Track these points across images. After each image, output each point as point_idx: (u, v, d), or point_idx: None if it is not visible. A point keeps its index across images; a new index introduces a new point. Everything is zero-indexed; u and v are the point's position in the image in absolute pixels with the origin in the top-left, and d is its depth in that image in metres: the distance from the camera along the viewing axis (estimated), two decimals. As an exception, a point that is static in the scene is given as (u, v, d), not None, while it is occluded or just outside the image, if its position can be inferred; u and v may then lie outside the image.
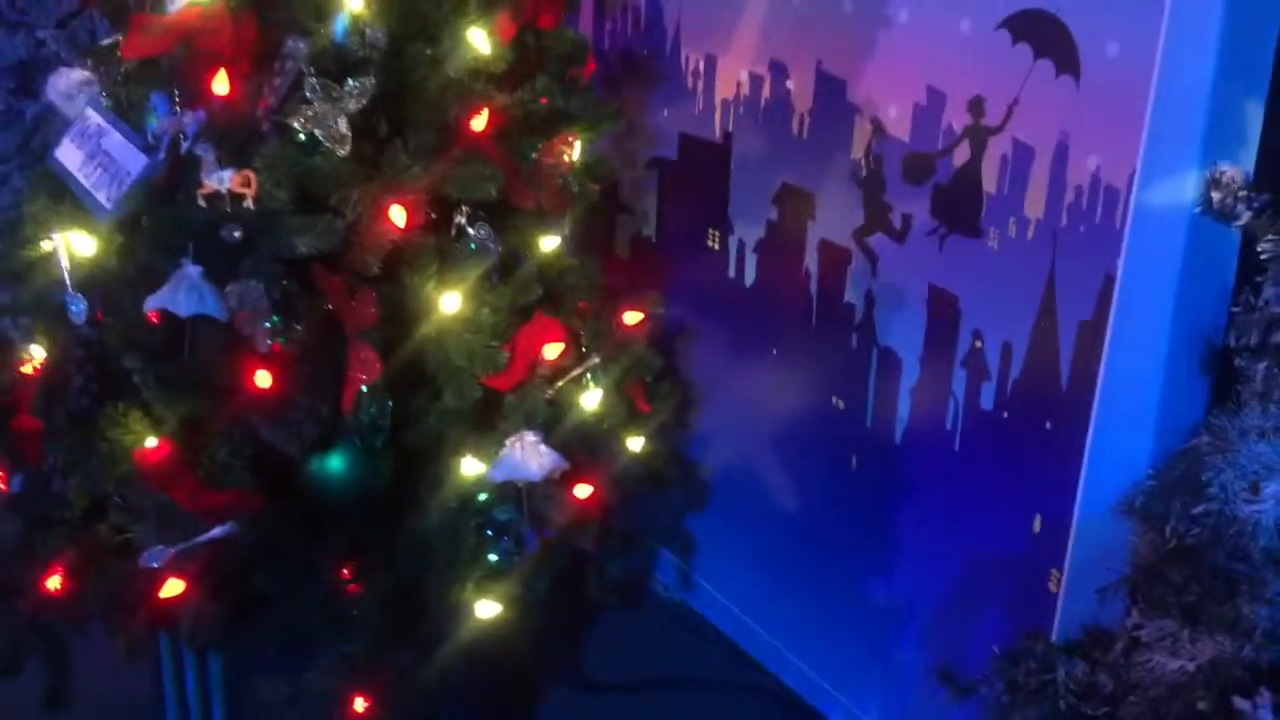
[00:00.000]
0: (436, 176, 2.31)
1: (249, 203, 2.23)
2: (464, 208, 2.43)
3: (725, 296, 3.27)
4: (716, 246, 3.28)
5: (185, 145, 2.29)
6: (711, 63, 3.17)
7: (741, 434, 3.32)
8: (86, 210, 2.38)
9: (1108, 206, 2.19)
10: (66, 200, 2.47)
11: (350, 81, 2.24)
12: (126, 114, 2.52)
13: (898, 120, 2.63)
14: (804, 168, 2.94)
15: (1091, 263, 2.24)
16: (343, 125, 2.23)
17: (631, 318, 2.84)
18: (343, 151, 2.23)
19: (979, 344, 2.53)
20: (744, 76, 3.07)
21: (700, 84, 3.22)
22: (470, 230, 2.44)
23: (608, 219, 3.54)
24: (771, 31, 2.97)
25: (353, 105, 2.25)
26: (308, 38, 2.25)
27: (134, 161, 2.37)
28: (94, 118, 2.57)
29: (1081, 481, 2.33)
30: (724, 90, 3.14)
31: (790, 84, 2.93)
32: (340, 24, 2.29)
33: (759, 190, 3.09)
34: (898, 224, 2.68)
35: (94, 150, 2.50)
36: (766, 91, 3.01)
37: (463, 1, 2.33)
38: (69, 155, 2.55)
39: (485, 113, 2.41)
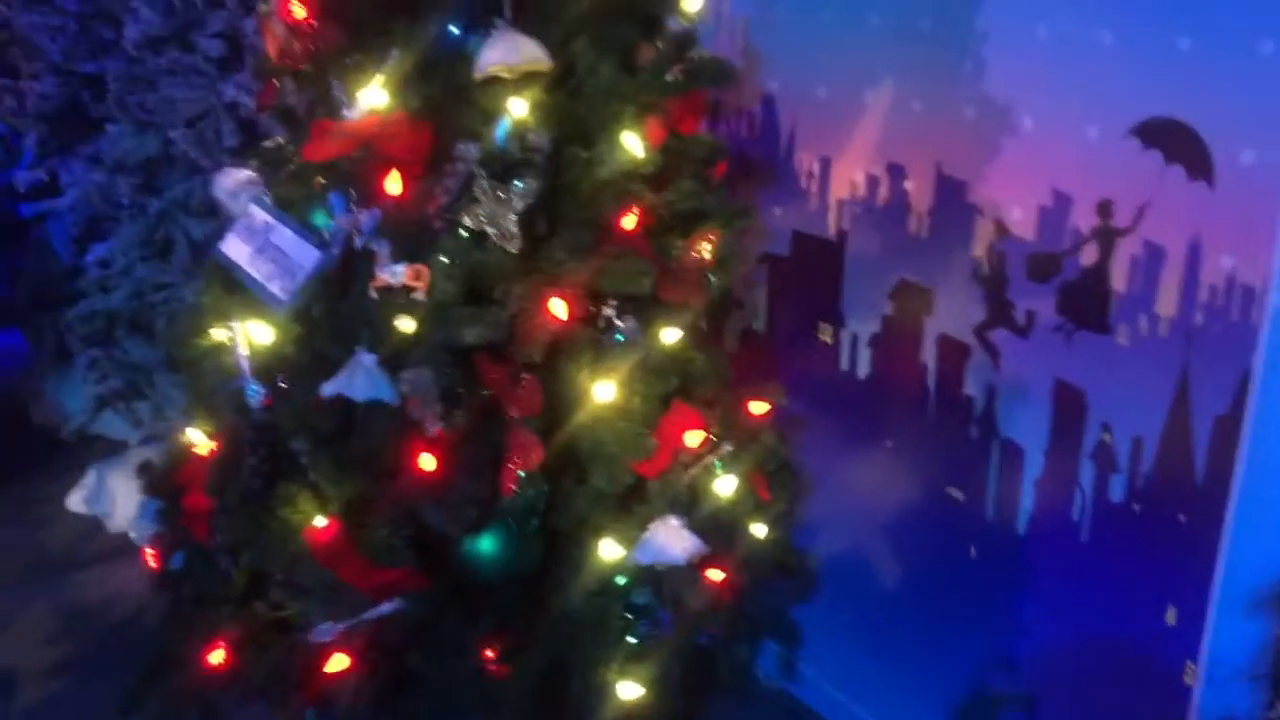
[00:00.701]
0: (593, 271, 2.43)
1: (420, 295, 2.37)
2: (612, 301, 2.55)
3: (837, 388, 3.36)
4: (829, 340, 3.38)
5: (360, 241, 2.44)
6: (826, 164, 3.30)
7: (852, 522, 3.38)
8: (261, 301, 2.53)
9: (1243, 305, 2.28)
10: (237, 291, 2.62)
11: (518, 183, 2.39)
12: (291, 211, 2.68)
13: (1021, 221, 2.74)
14: (922, 264, 3.05)
15: (1227, 359, 2.32)
16: (512, 224, 2.37)
17: (757, 407, 2.94)
18: (512, 248, 2.37)
19: (1108, 437, 2.60)
20: (860, 177, 3.20)
21: (815, 184, 3.35)
22: (618, 322, 2.55)
23: (718, 312, 3.66)
24: (889, 136, 3.10)
25: (520, 205, 2.39)
26: (477, 142, 2.40)
27: (307, 256, 2.52)
28: (259, 214, 2.73)
29: (1218, 574, 2.38)
30: (839, 190, 3.27)
31: (909, 185, 3.05)
32: (502, 129, 2.44)
33: (874, 286, 3.20)
34: (1021, 320, 2.77)
35: (263, 244, 2.66)
36: (884, 192, 3.14)
37: (620, 108, 2.47)
38: (236, 249, 2.71)
39: (636, 212, 2.54)
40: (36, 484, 4.83)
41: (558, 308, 2.40)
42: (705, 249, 2.66)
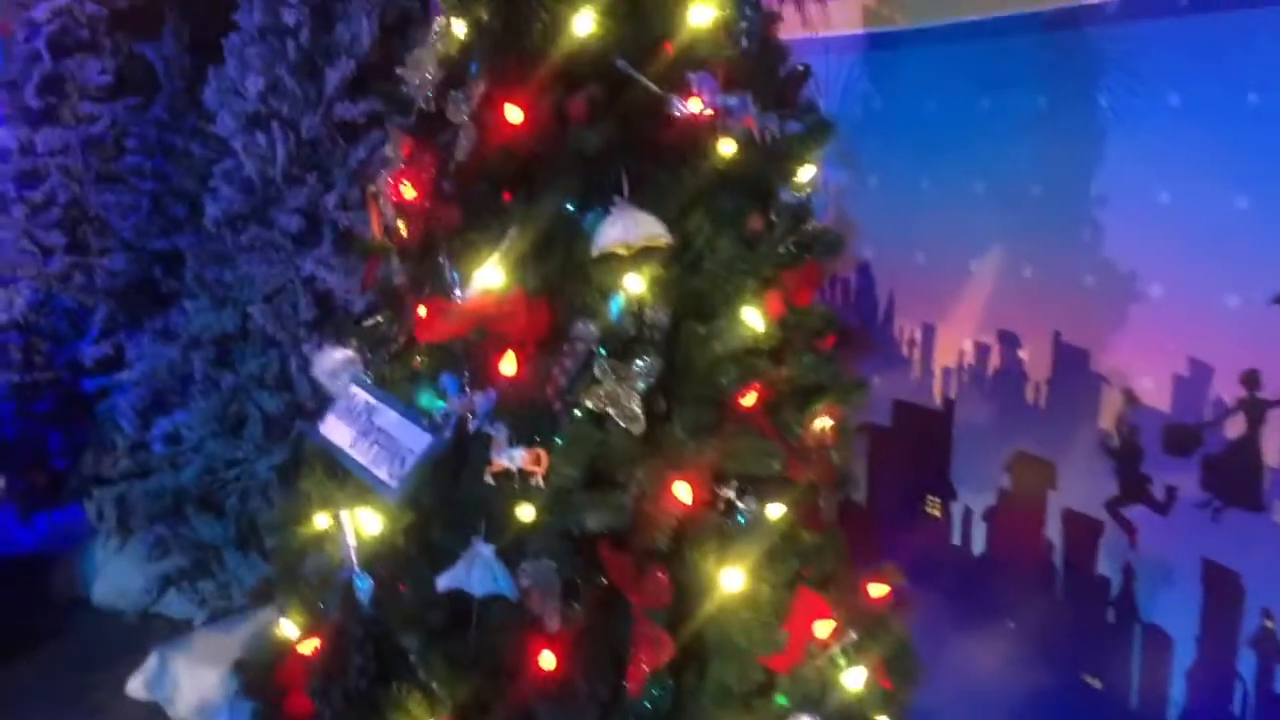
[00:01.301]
0: (719, 452, 2.31)
1: (539, 480, 2.25)
2: (732, 481, 2.42)
3: (948, 564, 3.19)
4: (937, 513, 3.23)
5: (475, 424, 2.34)
6: (930, 332, 3.21)
7: (974, 710, 3.16)
8: (368, 487, 2.42)
9: None
10: (338, 475, 2.52)
11: (639, 362, 2.29)
12: (395, 391, 2.60)
13: (1154, 391, 2.62)
14: (1042, 435, 2.92)
15: None
16: (636, 404, 2.27)
17: (876, 590, 2.77)
18: (636, 430, 2.26)
19: (1269, 624, 2.42)
20: (968, 345, 3.10)
21: (917, 352, 3.25)
22: (740, 504, 2.42)
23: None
24: (999, 303, 3.01)
25: (642, 385, 2.29)
26: (595, 320, 2.31)
27: (416, 439, 2.42)
28: (361, 395, 2.65)
29: None
30: (944, 358, 3.17)
31: (1023, 353, 2.94)
32: (617, 305, 2.36)
33: (988, 457, 3.07)
34: (1160, 495, 2.62)
35: (366, 427, 2.57)
36: (995, 360, 3.03)
37: (741, 283, 2.39)
38: (337, 431, 2.62)
39: (756, 387, 2.44)
40: (95, 667, 4.66)
41: (682, 491, 2.28)
42: (826, 424, 2.54)
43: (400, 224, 2.57)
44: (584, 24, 2.35)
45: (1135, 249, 2.64)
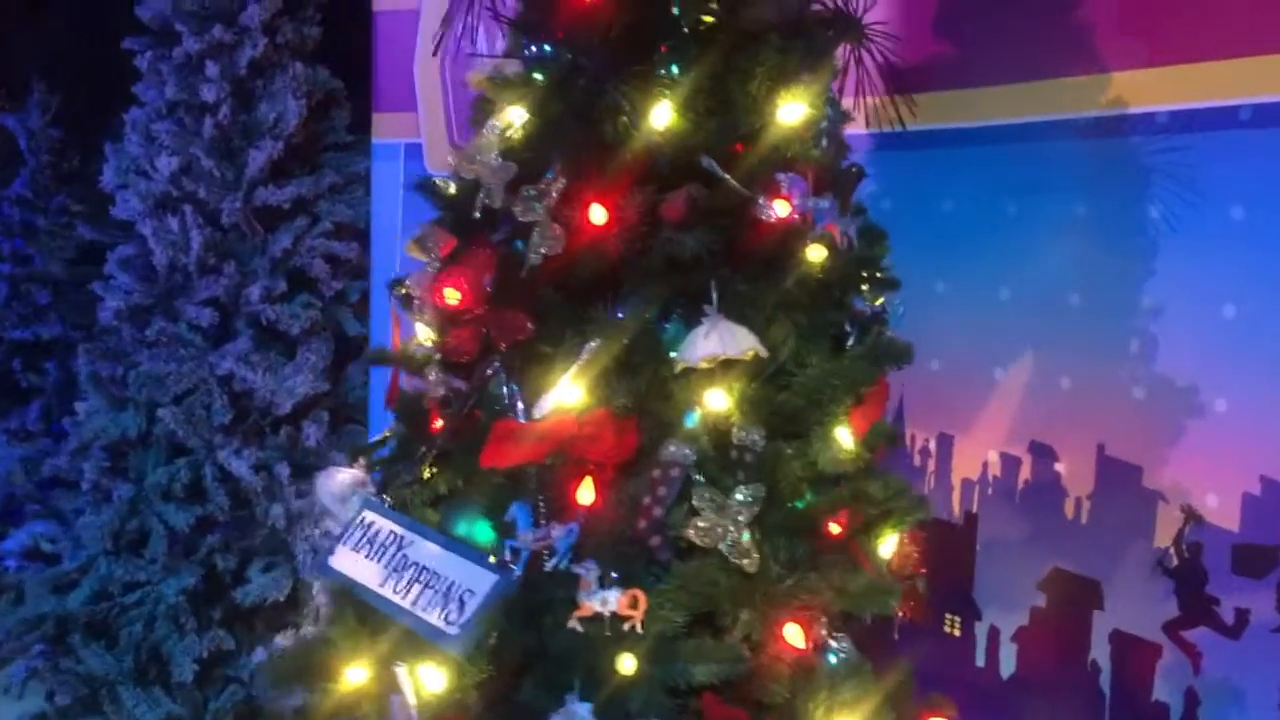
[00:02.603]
0: (832, 590, 2.10)
1: (635, 625, 1.98)
2: (824, 619, 2.21)
3: (971, 687, 3.03)
4: (956, 632, 3.08)
5: (553, 561, 2.05)
6: (947, 442, 3.09)
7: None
8: (418, 635, 2.09)
9: None
10: (370, 620, 2.18)
11: (744, 490, 2.07)
12: (419, 518, 2.30)
13: (1221, 509, 2.54)
14: (1083, 553, 2.81)
15: None
16: (745, 538, 2.04)
17: (934, 723, 2.58)
18: (751, 567, 2.02)
19: (1361, 752, 2.34)
20: (993, 457, 2.99)
21: (932, 463, 3.12)
22: (833, 642, 2.20)
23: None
24: (1031, 414, 2.92)
25: (745, 517, 2.07)
26: (691, 444, 2.08)
27: (476, 578, 2.11)
28: (383, 523, 2.33)
29: None
30: (965, 470, 3.05)
31: (1061, 466, 2.85)
32: (691, 420, 2.14)
33: (1019, 574, 2.94)
34: (1229, 618, 2.54)
35: (398, 562, 2.24)
36: (1026, 473, 2.93)
37: (835, 399, 2.21)
38: (356, 567, 2.29)
39: (846, 514, 2.25)
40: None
41: (794, 635, 2.05)
42: (910, 550, 2.37)
43: (441, 332, 2.28)
44: (663, 117, 2.15)
45: (1196, 362, 2.58)
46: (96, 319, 5.31)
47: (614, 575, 2.00)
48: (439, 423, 2.39)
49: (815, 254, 2.21)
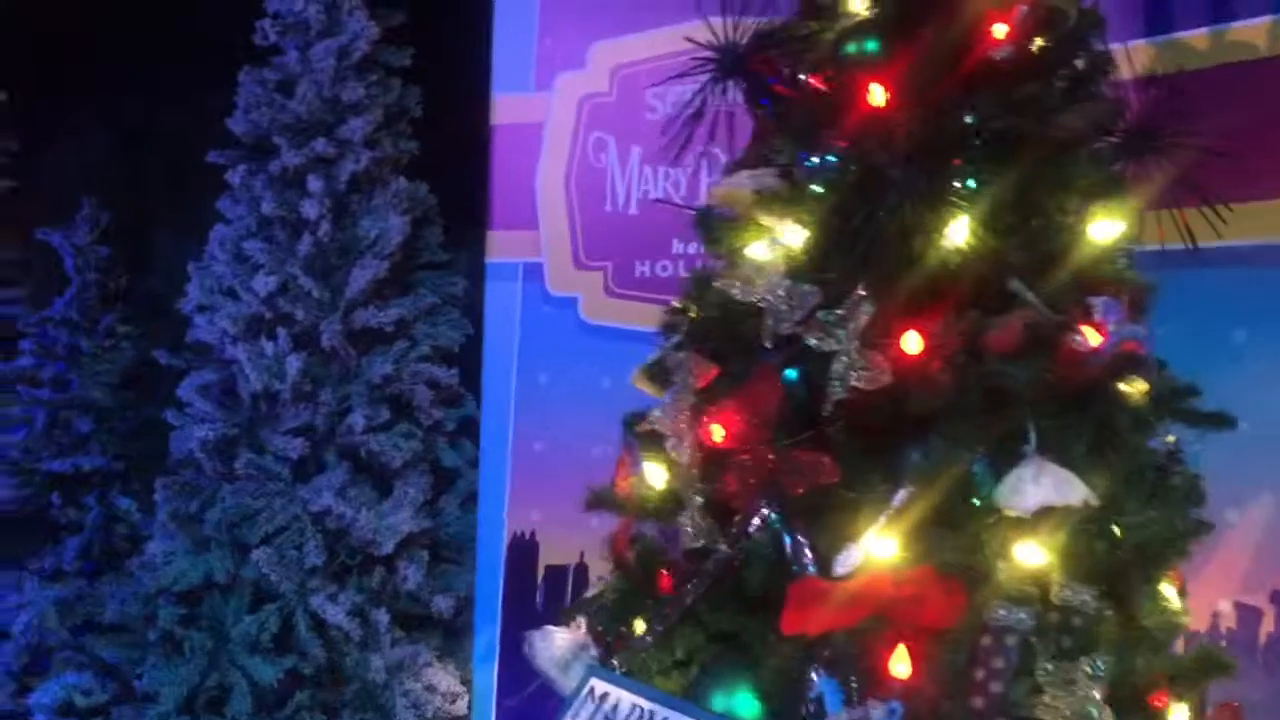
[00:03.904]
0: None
1: (988, 828, 1.67)
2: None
3: None
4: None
5: (875, 748, 1.74)
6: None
7: None
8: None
9: None
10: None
11: (1088, 664, 1.78)
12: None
13: None
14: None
15: None
16: (1108, 717, 1.74)
17: None
18: (1121, 756, 1.72)
19: None
20: (1225, 607, 2.72)
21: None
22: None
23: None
24: (1272, 559, 2.66)
25: (1097, 692, 1.77)
26: (1027, 606, 1.80)
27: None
28: (619, 694, 2.01)
29: None
30: (1193, 620, 2.77)
31: (1313, 620, 2.58)
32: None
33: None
34: None
35: (655, 744, 1.92)
36: (1269, 626, 2.66)
37: (1164, 554, 1.94)
38: (592, 747, 1.96)
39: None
40: None
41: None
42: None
43: (707, 474, 1.99)
44: (961, 234, 1.92)
45: None
46: (144, 449, 4.94)
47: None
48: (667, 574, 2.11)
49: (1132, 386, 1.97)
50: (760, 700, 1.92)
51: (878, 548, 1.82)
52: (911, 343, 1.84)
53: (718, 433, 1.97)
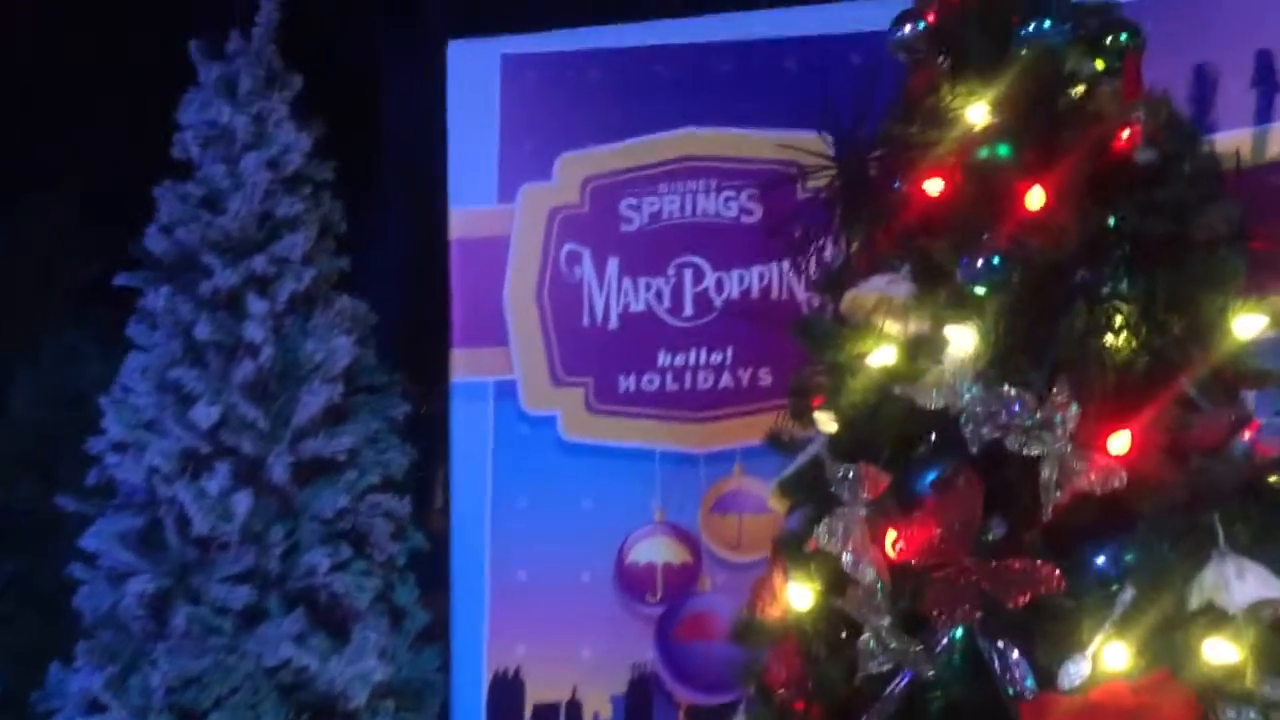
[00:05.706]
0: None
1: None
2: None
3: None
4: None
5: None
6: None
7: None
8: None
9: None
10: None
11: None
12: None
13: None
14: None
15: None
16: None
17: None
18: None
19: None
20: None
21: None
22: None
23: None
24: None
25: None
26: (1254, 705, 1.77)
27: None
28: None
29: None
30: None
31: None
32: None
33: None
34: None
35: None
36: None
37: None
38: None
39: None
40: None
41: None
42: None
43: (897, 592, 1.89)
44: (1128, 333, 1.94)
45: None
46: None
47: None
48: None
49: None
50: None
51: (1109, 656, 1.76)
52: (1120, 443, 1.82)
53: (908, 547, 1.88)
